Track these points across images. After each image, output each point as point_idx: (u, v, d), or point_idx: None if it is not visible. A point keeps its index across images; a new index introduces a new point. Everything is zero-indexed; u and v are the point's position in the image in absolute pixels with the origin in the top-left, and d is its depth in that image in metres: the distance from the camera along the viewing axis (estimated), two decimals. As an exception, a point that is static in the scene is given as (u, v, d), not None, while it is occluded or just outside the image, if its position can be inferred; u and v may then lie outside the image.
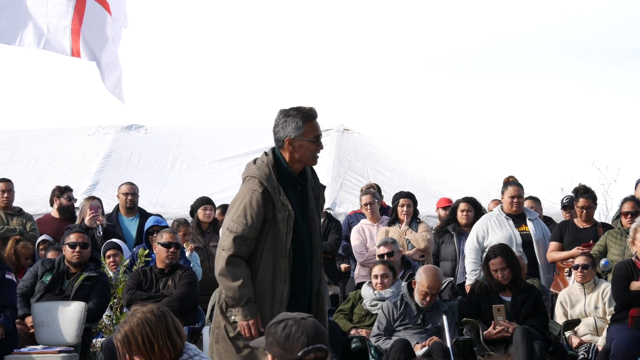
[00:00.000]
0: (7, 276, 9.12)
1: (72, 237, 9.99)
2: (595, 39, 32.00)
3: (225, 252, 6.14)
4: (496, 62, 33.02)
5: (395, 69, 32.57)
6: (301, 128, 6.27)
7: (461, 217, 11.57)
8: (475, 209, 11.66)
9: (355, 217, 12.47)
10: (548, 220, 12.10)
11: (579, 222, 10.99)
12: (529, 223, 10.81)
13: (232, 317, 6.20)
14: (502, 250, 9.66)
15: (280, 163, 6.31)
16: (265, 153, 6.39)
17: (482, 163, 31.31)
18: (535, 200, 12.43)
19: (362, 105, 30.89)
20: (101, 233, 11.27)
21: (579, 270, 9.96)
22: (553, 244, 10.86)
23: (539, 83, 32.06)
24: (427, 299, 9.55)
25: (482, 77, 33.17)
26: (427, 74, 33.89)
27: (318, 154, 6.40)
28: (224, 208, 11.90)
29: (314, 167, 6.62)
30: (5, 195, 11.86)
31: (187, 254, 10.84)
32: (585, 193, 11.00)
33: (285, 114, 6.34)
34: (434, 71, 33.84)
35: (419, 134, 30.22)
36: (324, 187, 6.71)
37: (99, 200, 11.96)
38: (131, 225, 12.07)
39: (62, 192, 12.38)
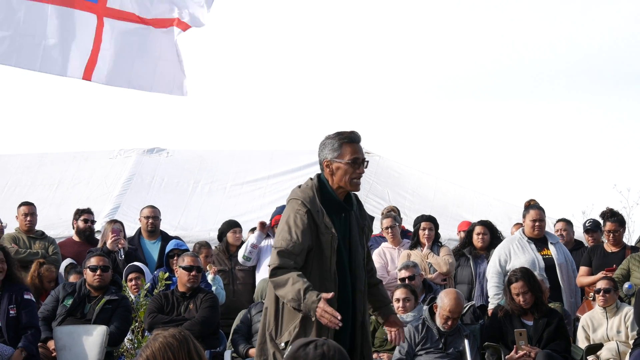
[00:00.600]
0: (26, 296, 9.12)
1: (93, 261, 10.02)
2: (615, 62, 31.95)
3: (270, 267, 6.01)
4: (516, 86, 33.01)
5: (416, 92, 32.60)
6: (337, 150, 6.17)
7: (477, 240, 11.60)
8: (491, 232, 11.69)
9: (375, 241, 12.45)
10: (580, 245, 12.04)
11: (607, 246, 10.97)
12: (550, 247, 10.77)
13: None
14: (523, 274, 9.63)
15: (324, 187, 6.20)
16: (311, 178, 6.30)
17: (503, 186, 31.29)
18: (568, 223, 12.38)
19: (383, 128, 30.93)
20: (123, 256, 11.29)
21: (600, 294, 9.93)
22: (582, 269, 10.86)
23: (559, 106, 32.02)
24: (449, 322, 9.51)
25: (503, 101, 33.13)
26: (447, 98, 33.91)
27: (358, 180, 6.24)
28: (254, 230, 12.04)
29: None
30: (28, 218, 11.91)
31: (210, 277, 10.83)
32: (612, 217, 10.99)
33: (326, 137, 6.26)
34: (454, 95, 33.85)
35: (440, 157, 30.24)
36: (372, 218, 6.58)
37: (121, 223, 11.98)
38: (153, 249, 12.09)
39: (80, 214, 12.42)
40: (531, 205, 11.29)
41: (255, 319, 9.98)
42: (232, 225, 12.20)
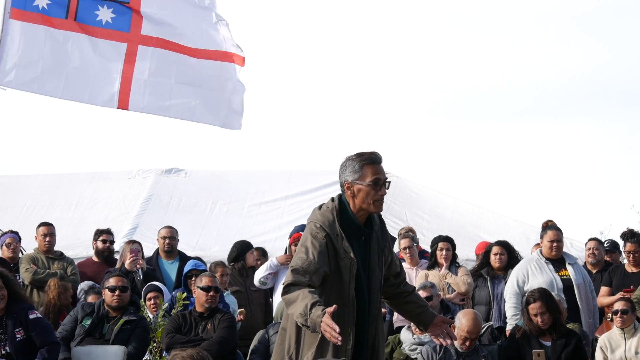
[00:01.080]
0: (31, 316, 8.96)
1: (111, 281, 10.03)
2: (633, 81, 31.90)
3: (284, 284, 5.86)
4: (534, 107, 32.99)
5: (433, 113, 32.62)
6: (358, 171, 6.02)
7: (494, 260, 11.59)
8: (509, 253, 11.67)
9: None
10: (609, 265, 11.99)
11: (628, 267, 10.96)
12: (568, 267, 10.74)
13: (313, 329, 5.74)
14: (541, 294, 9.62)
15: (345, 210, 6.07)
16: (332, 199, 6.15)
17: (521, 207, 31.23)
18: (599, 243, 12.31)
19: (401, 148, 30.94)
20: (141, 277, 11.31)
21: (618, 315, 9.90)
22: (603, 289, 10.86)
23: (578, 127, 31.98)
24: (467, 343, 9.49)
25: (521, 121, 33.14)
26: (465, 119, 33.92)
27: (380, 201, 6.08)
28: (263, 252, 12.06)
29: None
30: (47, 239, 11.94)
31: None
32: (632, 237, 11.00)
33: (347, 158, 6.12)
34: (472, 116, 33.85)
35: (458, 177, 30.23)
36: (393, 240, 6.45)
37: (139, 243, 12.00)
38: (171, 269, 12.10)
39: (99, 234, 12.45)
40: (549, 225, 11.27)
41: (273, 339, 9.98)
42: (249, 247, 12.28)
